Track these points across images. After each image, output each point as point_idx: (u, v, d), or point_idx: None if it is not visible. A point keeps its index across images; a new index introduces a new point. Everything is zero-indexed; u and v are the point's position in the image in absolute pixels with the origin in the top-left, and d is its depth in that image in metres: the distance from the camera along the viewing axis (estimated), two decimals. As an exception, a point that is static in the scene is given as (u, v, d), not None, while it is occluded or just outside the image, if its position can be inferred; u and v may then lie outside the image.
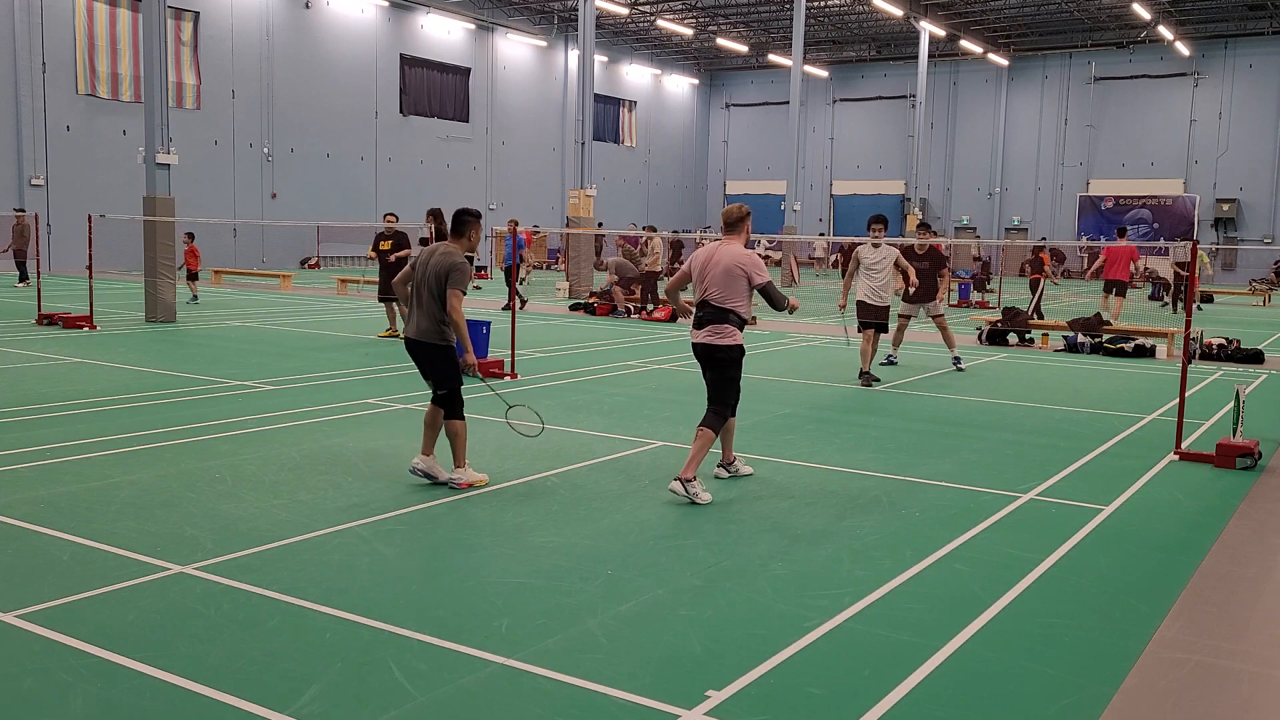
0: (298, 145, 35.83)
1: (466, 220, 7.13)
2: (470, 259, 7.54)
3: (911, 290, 12.67)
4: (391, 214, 16.74)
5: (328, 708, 3.82)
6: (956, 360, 13.64)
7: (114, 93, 30.99)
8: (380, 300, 16.21)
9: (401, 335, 15.59)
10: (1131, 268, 20.57)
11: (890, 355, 14.02)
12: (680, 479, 6.77)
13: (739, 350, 7.07)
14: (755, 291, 7.14)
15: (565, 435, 8.84)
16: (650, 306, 21.09)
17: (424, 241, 15.57)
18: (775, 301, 7.18)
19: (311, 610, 4.75)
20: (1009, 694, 4.10)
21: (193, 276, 21.95)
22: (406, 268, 7.27)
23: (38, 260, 17.71)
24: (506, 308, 20.17)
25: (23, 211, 25.28)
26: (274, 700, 3.85)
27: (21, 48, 28.79)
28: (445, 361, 7.00)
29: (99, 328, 16.18)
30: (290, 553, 5.57)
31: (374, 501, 6.59)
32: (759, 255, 8.45)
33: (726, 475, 7.52)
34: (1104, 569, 5.65)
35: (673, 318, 20.48)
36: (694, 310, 7.17)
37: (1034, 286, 20.40)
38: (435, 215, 15.17)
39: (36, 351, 13.41)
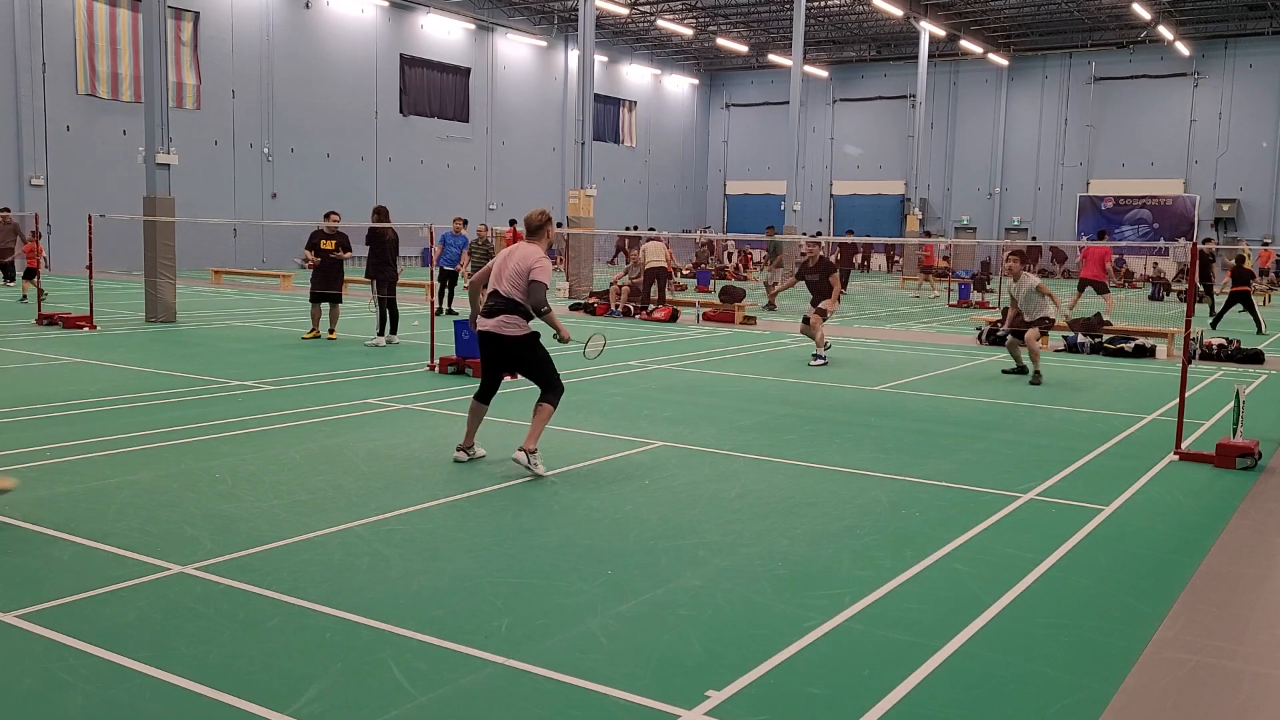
0: (298, 145, 35.82)
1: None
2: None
3: (1054, 310, 13.51)
4: (334, 213, 16.01)
5: (328, 708, 3.82)
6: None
7: (114, 93, 30.98)
8: (311, 300, 15.33)
9: (330, 336, 15.55)
10: (1106, 267, 21.37)
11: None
12: (524, 449, 7.26)
13: (535, 336, 7.51)
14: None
15: (565, 435, 8.84)
16: (650, 306, 21.08)
17: (369, 239, 15.24)
18: (539, 304, 7.34)
19: (311, 610, 4.75)
20: (1009, 694, 4.10)
21: (29, 275, 19.81)
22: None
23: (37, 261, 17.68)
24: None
25: (8, 210, 25.00)
26: (274, 700, 3.85)
27: (21, 48, 28.79)
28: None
29: (99, 328, 16.18)
30: (290, 553, 5.57)
31: (374, 501, 6.59)
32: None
33: (466, 459, 7.70)
34: (1104, 569, 5.65)
35: (673, 317, 20.48)
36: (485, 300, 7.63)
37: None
38: (380, 212, 15.27)
39: (36, 351, 13.41)
